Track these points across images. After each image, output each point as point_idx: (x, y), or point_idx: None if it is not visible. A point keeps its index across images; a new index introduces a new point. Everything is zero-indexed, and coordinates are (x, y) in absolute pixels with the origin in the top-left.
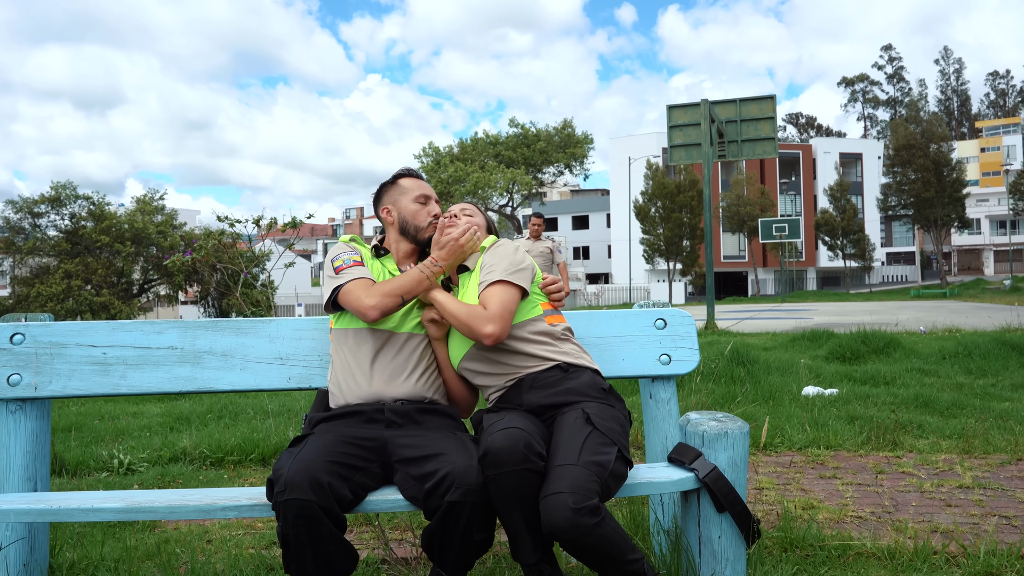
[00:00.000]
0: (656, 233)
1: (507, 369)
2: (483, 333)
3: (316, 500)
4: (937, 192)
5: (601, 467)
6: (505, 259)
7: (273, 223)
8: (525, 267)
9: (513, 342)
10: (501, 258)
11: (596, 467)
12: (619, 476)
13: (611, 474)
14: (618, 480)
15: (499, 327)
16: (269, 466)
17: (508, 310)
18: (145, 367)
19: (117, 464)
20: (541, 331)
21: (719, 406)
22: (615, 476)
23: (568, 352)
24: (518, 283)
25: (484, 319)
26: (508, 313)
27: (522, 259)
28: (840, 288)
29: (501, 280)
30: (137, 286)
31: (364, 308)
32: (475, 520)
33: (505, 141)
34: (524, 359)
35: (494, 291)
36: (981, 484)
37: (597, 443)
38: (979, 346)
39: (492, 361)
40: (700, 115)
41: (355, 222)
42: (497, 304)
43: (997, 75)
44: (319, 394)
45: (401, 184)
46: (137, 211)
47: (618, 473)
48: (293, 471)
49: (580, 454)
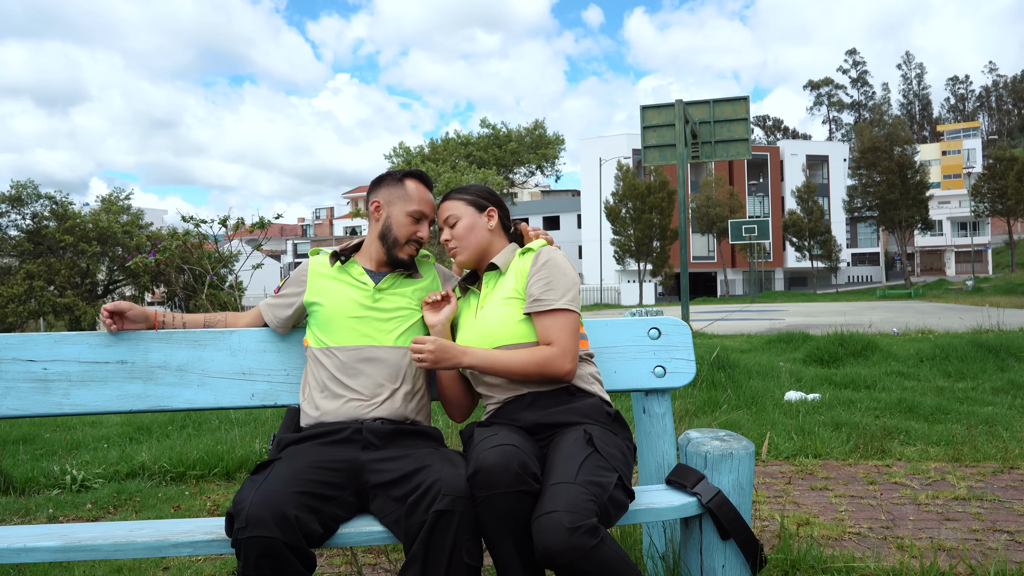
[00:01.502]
0: (627, 234)
1: (515, 384)
2: (564, 372)
3: (282, 537)
4: (901, 194)
5: (600, 488)
6: (564, 277)
7: (240, 223)
8: (576, 286)
9: None
10: (561, 276)
11: (595, 487)
12: (620, 504)
13: (611, 499)
14: (618, 509)
15: (574, 363)
16: (233, 481)
17: (577, 341)
18: (91, 384)
19: (70, 481)
20: None
21: (703, 413)
22: (615, 503)
23: (582, 377)
24: (576, 309)
25: (561, 358)
26: (577, 344)
27: (575, 277)
28: (807, 288)
29: (566, 309)
30: (102, 287)
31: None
32: (464, 537)
33: (476, 142)
34: None
35: (565, 322)
36: (977, 495)
37: (597, 465)
38: (956, 348)
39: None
40: (674, 116)
41: (325, 222)
42: (570, 339)
43: (957, 80)
44: (288, 412)
45: (406, 187)
46: (102, 210)
47: (618, 501)
48: (256, 504)
49: (578, 473)
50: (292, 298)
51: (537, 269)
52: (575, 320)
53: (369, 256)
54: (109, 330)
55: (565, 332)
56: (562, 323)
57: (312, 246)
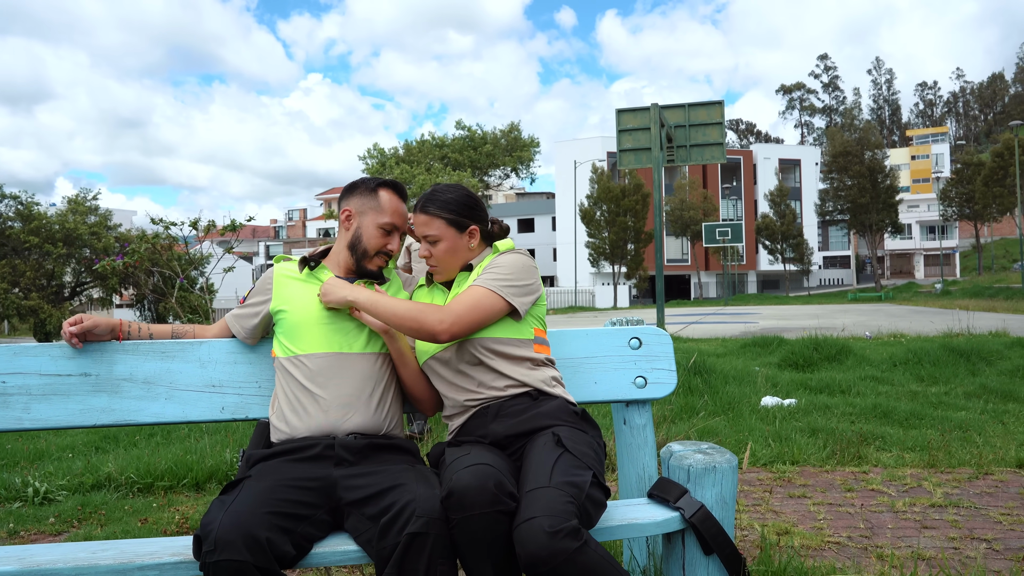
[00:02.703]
0: (601, 237)
1: (473, 384)
2: (437, 330)
3: (252, 560)
4: (872, 198)
5: (577, 488)
6: (510, 269)
7: (212, 226)
8: (528, 288)
9: (489, 354)
10: (507, 267)
11: (571, 488)
12: (598, 502)
13: (588, 498)
14: (597, 507)
15: (454, 323)
16: (203, 492)
17: (475, 313)
18: (53, 397)
19: (32, 493)
20: (523, 355)
21: (680, 419)
22: (593, 501)
23: (544, 380)
24: (506, 299)
25: (440, 315)
26: (473, 315)
27: (529, 277)
28: (780, 291)
29: (486, 287)
30: (68, 289)
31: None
32: (438, 561)
33: (451, 144)
34: (495, 377)
35: (471, 292)
36: (953, 502)
37: (570, 465)
38: (928, 353)
39: (460, 371)
40: (650, 119)
41: (298, 224)
42: (461, 304)
43: (925, 86)
44: (259, 427)
45: (379, 197)
46: (69, 211)
47: (596, 499)
48: (225, 527)
49: (552, 475)
50: (258, 307)
51: (493, 260)
52: (486, 296)
53: (337, 263)
54: (73, 346)
55: (463, 299)
56: (468, 294)
57: (284, 248)
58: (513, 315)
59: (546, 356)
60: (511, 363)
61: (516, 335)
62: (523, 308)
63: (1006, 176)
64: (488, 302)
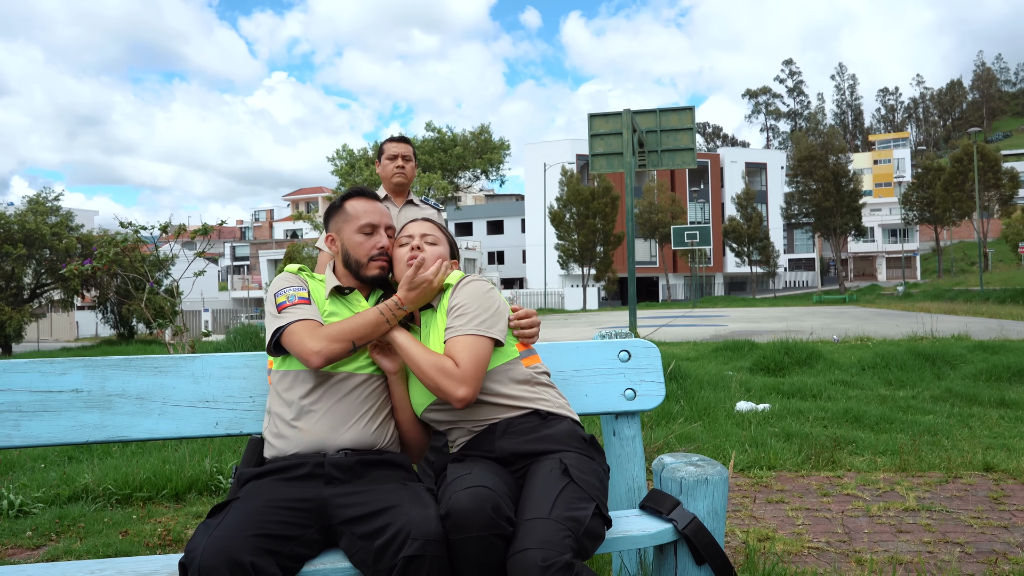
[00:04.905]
0: (571, 239)
1: (478, 416)
2: (454, 397)
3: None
4: (836, 202)
5: (576, 523)
6: (477, 303)
7: (182, 229)
8: (499, 312)
9: (487, 392)
10: (473, 301)
11: (570, 522)
12: (596, 536)
13: (587, 532)
14: (595, 540)
15: (472, 389)
16: (183, 503)
17: (481, 368)
18: (44, 414)
19: (7, 506)
20: (518, 378)
21: (658, 426)
22: (591, 535)
23: (547, 399)
24: (492, 336)
25: (456, 380)
26: (481, 371)
27: (494, 302)
28: (747, 293)
29: (472, 333)
30: (28, 291)
31: (307, 354)
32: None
33: (422, 146)
34: (498, 409)
35: (466, 344)
36: (926, 506)
37: (573, 496)
38: (895, 357)
39: (461, 412)
40: (622, 124)
41: (264, 225)
42: (470, 362)
43: (887, 91)
44: (251, 443)
45: (347, 209)
46: (29, 211)
47: (595, 532)
48: (208, 552)
49: (553, 507)
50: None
51: (453, 304)
52: (482, 344)
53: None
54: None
55: (467, 355)
56: (466, 346)
57: (252, 249)
58: (497, 345)
59: (541, 369)
60: (508, 390)
61: (503, 360)
62: (503, 335)
63: (965, 181)
64: (484, 350)
